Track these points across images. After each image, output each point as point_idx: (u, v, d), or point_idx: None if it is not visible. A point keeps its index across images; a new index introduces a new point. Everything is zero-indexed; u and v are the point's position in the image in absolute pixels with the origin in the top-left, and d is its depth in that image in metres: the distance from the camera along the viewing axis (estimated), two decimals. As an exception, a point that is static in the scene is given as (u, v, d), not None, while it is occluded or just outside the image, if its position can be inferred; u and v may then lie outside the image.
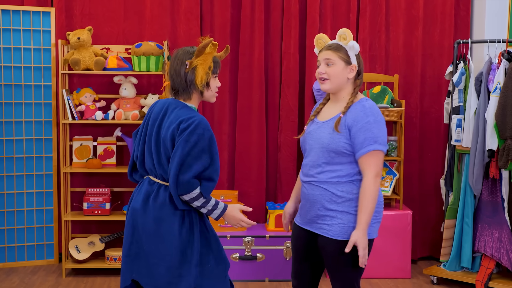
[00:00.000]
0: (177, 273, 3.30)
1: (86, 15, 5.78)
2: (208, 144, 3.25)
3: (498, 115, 4.98)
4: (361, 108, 3.32)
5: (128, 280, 3.43)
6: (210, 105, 5.90)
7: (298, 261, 3.56)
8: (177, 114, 3.29)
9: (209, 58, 3.32)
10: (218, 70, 3.41)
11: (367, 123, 3.27)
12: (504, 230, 5.17)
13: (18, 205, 5.76)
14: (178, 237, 3.28)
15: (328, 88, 3.38)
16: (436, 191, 6.08)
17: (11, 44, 5.65)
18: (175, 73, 3.34)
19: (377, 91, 5.69)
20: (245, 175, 5.96)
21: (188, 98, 3.37)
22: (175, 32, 5.83)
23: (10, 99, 5.68)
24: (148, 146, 3.38)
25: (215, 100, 3.47)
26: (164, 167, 3.30)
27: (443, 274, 5.43)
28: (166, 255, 3.29)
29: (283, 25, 5.89)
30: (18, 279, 5.46)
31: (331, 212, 3.33)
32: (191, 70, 3.31)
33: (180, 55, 3.35)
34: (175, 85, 3.36)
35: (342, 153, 3.30)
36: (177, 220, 3.30)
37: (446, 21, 6.01)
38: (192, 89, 3.34)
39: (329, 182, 3.33)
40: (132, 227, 3.40)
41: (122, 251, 3.45)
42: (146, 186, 3.39)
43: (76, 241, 5.66)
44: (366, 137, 3.25)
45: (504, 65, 5.09)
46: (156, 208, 3.31)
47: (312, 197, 3.38)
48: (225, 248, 5.43)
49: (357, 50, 3.38)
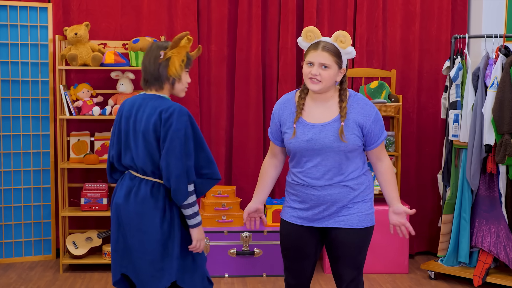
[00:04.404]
0: (159, 266, 3.34)
1: (84, 10, 5.77)
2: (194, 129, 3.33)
3: (495, 110, 4.99)
4: (364, 102, 3.37)
5: (117, 275, 3.49)
6: (207, 101, 5.90)
7: (299, 260, 3.53)
8: (153, 105, 3.32)
9: (183, 51, 3.38)
10: (190, 66, 3.45)
11: (376, 114, 3.37)
12: (501, 225, 5.18)
13: (15, 201, 5.76)
14: (160, 231, 3.32)
15: (319, 89, 3.31)
16: (434, 186, 6.09)
17: (8, 40, 5.64)
18: (149, 62, 3.38)
19: (374, 86, 5.69)
20: (242, 170, 5.96)
21: (160, 88, 3.40)
22: (172, 28, 5.83)
23: (8, 95, 5.68)
24: (126, 143, 3.40)
25: (184, 95, 3.50)
26: (144, 161, 3.32)
27: (441, 269, 5.44)
28: (148, 249, 3.33)
29: (280, 20, 5.89)
30: (16, 275, 5.46)
31: (350, 204, 3.40)
32: (165, 61, 3.35)
33: (155, 47, 3.40)
34: (147, 75, 3.39)
35: (356, 149, 3.36)
36: (158, 214, 3.33)
37: (443, 16, 6.01)
38: (164, 79, 3.37)
39: (347, 180, 3.37)
40: (117, 222, 3.44)
41: (111, 246, 3.50)
42: (128, 181, 3.42)
43: (74, 237, 5.66)
44: (380, 127, 3.38)
45: (501, 60, 5.09)
46: (138, 203, 3.35)
47: (330, 197, 3.37)
48: (222, 244, 5.44)
49: (353, 56, 3.36)
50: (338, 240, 3.41)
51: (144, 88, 3.45)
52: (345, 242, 3.40)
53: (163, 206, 3.35)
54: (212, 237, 5.44)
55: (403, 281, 5.45)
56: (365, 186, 3.43)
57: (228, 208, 5.61)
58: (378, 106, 5.49)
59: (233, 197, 5.68)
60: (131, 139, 3.36)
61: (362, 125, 3.33)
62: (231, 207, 5.62)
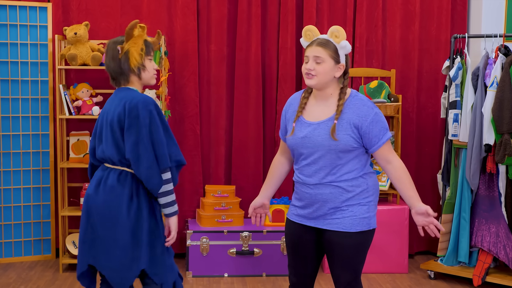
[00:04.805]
0: (130, 255, 3.37)
1: (83, 10, 5.77)
2: (161, 118, 3.37)
3: (495, 109, 4.99)
4: (362, 103, 3.33)
5: (85, 266, 3.50)
6: (207, 100, 5.90)
7: (299, 258, 3.54)
8: (120, 97, 3.40)
9: (139, 40, 3.41)
10: (152, 52, 3.49)
11: (375, 115, 3.31)
12: (501, 224, 5.18)
13: (15, 201, 5.75)
14: (127, 219, 3.35)
15: (315, 84, 3.35)
16: (433, 185, 6.09)
17: (8, 40, 5.64)
18: (109, 61, 3.44)
19: (374, 86, 5.69)
20: (242, 170, 5.96)
21: (127, 82, 3.46)
22: (172, 27, 5.83)
23: (7, 94, 5.67)
24: (99, 137, 3.49)
25: (155, 82, 3.55)
26: (111, 151, 3.38)
27: (440, 269, 5.44)
28: (117, 237, 3.36)
29: (280, 20, 5.89)
30: (15, 275, 5.46)
31: (343, 206, 3.35)
32: (124, 54, 3.40)
33: (111, 44, 3.46)
34: (112, 72, 3.45)
35: (349, 151, 3.32)
36: (125, 202, 3.36)
37: (443, 16, 6.02)
38: (128, 72, 3.43)
39: (338, 180, 3.34)
40: (87, 213, 3.48)
41: (79, 238, 3.52)
42: (100, 171, 3.49)
43: (73, 236, 5.65)
44: (381, 128, 3.31)
45: (501, 59, 5.09)
46: (106, 192, 3.39)
47: (321, 197, 3.37)
48: (222, 243, 5.44)
49: (349, 51, 3.36)
50: (332, 242, 3.40)
51: (115, 86, 3.51)
52: (339, 245, 3.37)
53: (129, 193, 3.38)
54: (211, 237, 5.44)
55: (402, 280, 5.45)
56: (361, 189, 3.37)
57: (227, 208, 5.61)
58: (378, 105, 5.49)
59: (233, 196, 5.68)
60: (103, 132, 3.45)
61: (358, 126, 3.30)
62: (230, 206, 5.62)
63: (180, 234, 5.83)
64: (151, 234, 3.41)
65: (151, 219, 3.41)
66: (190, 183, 5.90)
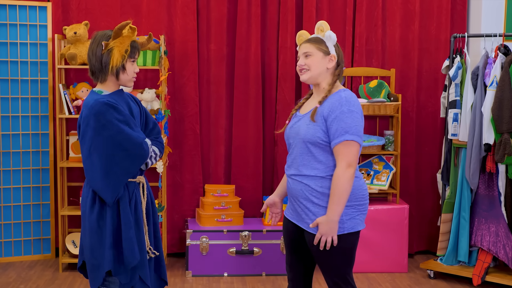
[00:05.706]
0: (96, 254, 3.36)
1: (83, 9, 5.77)
2: (109, 119, 3.26)
3: (494, 109, 4.99)
4: (338, 98, 3.31)
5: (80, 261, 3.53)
6: (206, 100, 5.90)
7: (290, 253, 3.59)
8: (85, 101, 3.36)
9: (126, 41, 3.33)
10: (137, 55, 3.41)
11: (341, 113, 3.26)
12: (500, 224, 5.18)
13: (14, 200, 5.76)
14: (89, 218, 3.36)
15: (307, 78, 3.40)
16: (433, 185, 6.09)
17: (7, 39, 5.64)
18: (92, 53, 3.36)
19: (373, 85, 5.69)
20: (242, 169, 5.96)
21: (104, 80, 3.39)
22: (171, 27, 5.83)
23: (7, 94, 5.67)
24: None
25: (132, 85, 3.49)
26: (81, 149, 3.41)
27: (440, 268, 5.44)
28: (86, 236, 3.38)
29: (279, 20, 5.89)
30: (15, 274, 5.46)
31: (313, 207, 3.33)
32: (107, 52, 3.32)
33: (98, 37, 3.37)
34: (91, 66, 3.38)
35: (318, 143, 3.30)
36: (88, 201, 3.37)
37: (442, 15, 6.01)
38: (107, 71, 3.35)
39: (309, 176, 3.33)
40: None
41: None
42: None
43: (73, 236, 5.66)
44: (339, 127, 3.25)
45: (501, 59, 5.10)
46: (83, 191, 3.46)
47: (294, 192, 3.40)
48: (222, 243, 5.44)
49: (335, 40, 3.40)
50: (308, 243, 3.41)
51: (93, 80, 3.45)
52: (313, 247, 3.37)
53: (93, 194, 3.37)
54: (211, 236, 5.44)
55: (402, 280, 5.45)
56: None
57: (227, 207, 5.61)
58: (378, 105, 5.49)
59: (233, 196, 5.68)
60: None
61: (326, 119, 3.30)
62: (230, 206, 5.62)
63: (180, 233, 5.84)
64: (116, 237, 3.36)
65: (114, 221, 3.36)
66: (189, 182, 5.90)
